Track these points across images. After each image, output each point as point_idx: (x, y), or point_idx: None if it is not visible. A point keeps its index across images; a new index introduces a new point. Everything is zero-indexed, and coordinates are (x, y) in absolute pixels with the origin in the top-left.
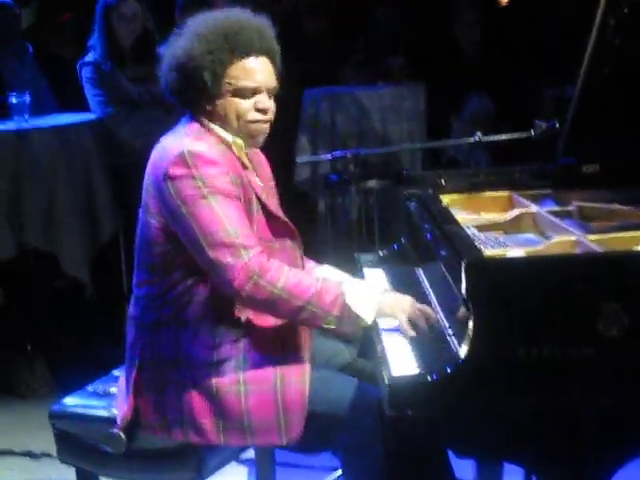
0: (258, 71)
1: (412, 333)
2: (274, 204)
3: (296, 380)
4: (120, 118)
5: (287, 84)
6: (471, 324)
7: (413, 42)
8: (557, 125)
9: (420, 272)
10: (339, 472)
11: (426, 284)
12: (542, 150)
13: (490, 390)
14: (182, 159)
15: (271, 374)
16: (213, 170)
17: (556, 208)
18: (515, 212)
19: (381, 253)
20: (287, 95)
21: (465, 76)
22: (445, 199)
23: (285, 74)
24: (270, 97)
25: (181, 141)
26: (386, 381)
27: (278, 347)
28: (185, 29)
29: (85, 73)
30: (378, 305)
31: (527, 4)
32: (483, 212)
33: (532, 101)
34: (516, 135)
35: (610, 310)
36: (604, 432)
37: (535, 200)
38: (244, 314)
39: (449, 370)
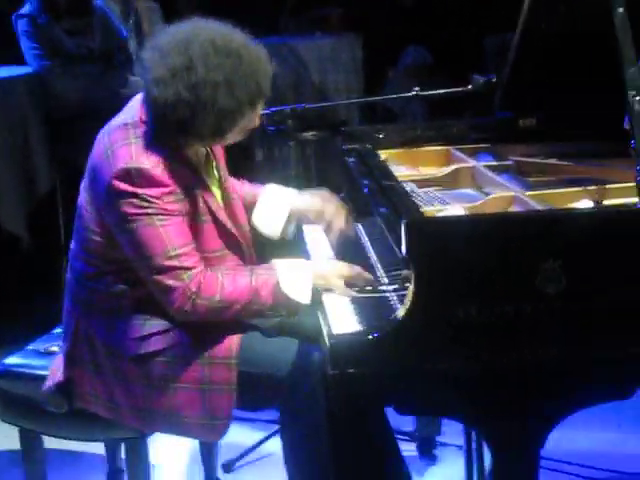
0: (261, 108)
1: (352, 294)
2: (222, 194)
3: (222, 379)
4: (57, 71)
5: None
6: (412, 282)
7: None
8: (494, 79)
9: (359, 227)
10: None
11: (365, 239)
12: (480, 100)
13: (430, 348)
14: (127, 175)
15: (199, 369)
16: (157, 190)
17: (494, 162)
18: (453, 167)
19: None
20: None
21: (402, 27)
22: (383, 154)
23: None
24: None
25: (129, 150)
26: (327, 340)
27: (206, 337)
28: (196, 48)
29: (21, 26)
30: (312, 282)
31: None
32: (421, 167)
33: (471, 51)
34: (454, 90)
35: (548, 268)
36: (544, 387)
37: (473, 154)
38: None
39: (390, 328)
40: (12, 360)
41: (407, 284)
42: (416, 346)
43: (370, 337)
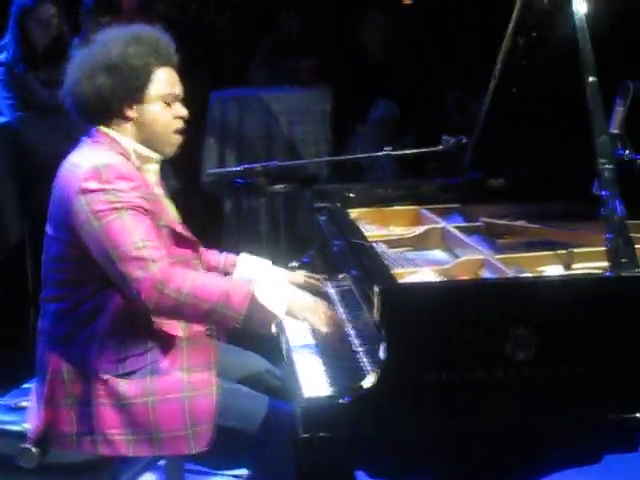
0: (176, 80)
1: (324, 330)
2: (178, 222)
3: (204, 391)
4: (29, 122)
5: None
6: (382, 348)
7: (321, 45)
8: (464, 141)
9: (328, 284)
10: None
11: (335, 298)
12: (448, 159)
13: (402, 413)
14: (95, 173)
15: (179, 384)
16: (125, 184)
17: (464, 224)
18: (423, 228)
19: (290, 265)
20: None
21: (373, 82)
22: (354, 212)
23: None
24: None
25: (91, 155)
26: (298, 403)
27: (184, 358)
28: (101, 38)
29: None
30: (289, 301)
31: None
32: (392, 226)
33: (435, 104)
34: (424, 150)
35: (518, 334)
36: (515, 451)
37: (443, 214)
38: (152, 327)
39: (362, 392)
40: None
41: (378, 346)
42: (388, 410)
43: (341, 401)
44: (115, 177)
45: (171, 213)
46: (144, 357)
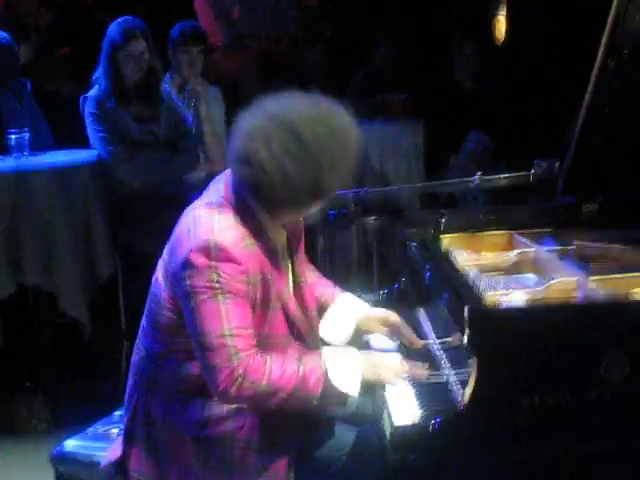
0: None
1: (402, 386)
2: (293, 302)
3: (280, 473)
4: (121, 157)
5: None
6: (474, 371)
7: (413, 79)
8: (557, 165)
9: (421, 313)
10: None
11: (428, 325)
12: (541, 188)
13: (492, 438)
14: (206, 249)
15: (254, 462)
16: (232, 268)
17: (556, 247)
18: (515, 252)
19: (381, 292)
20: None
21: (465, 114)
22: (445, 239)
23: None
24: None
25: (211, 226)
26: (388, 431)
27: (266, 431)
28: (296, 126)
29: (88, 108)
30: (361, 376)
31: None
32: (484, 251)
33: (533, 139)
34: (516, 175)
35: (612, 355)
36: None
37: (535, 239)
38: None
39: (452, 415)
40: (72, 443)
41: (469, 371)
42: (478, 434)
43: (431, 424)
44: (224, 258)
45: (289, 288)
46: (225, 423)
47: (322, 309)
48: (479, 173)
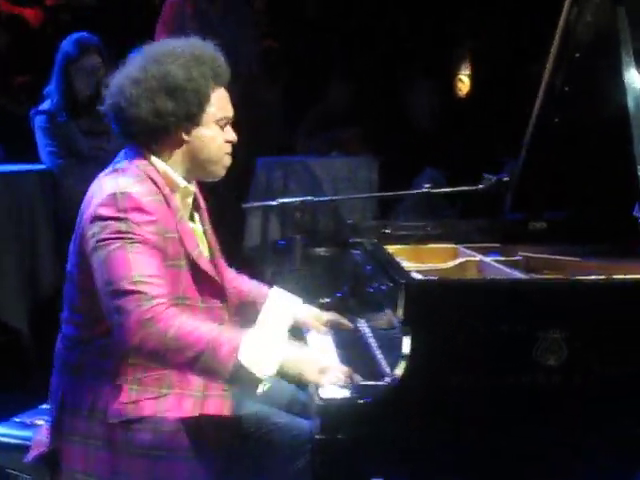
0: (229, 102)
1: (324, 384)
2: (210, 251)
3: (210, 455)
4: (69, 171)
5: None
6: (406, 348)
7: (366, 113)
8: (506, 178)
9: (362, 323)
10: None
11: (368, 335)
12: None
13: (423, 416)
14: (113, 200)
15: (187, 442)
16: (140, 217)
17: (501, 258)
18: (459, 260)
19: (321, 301)
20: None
21: (419, 150)
22: (390, 249)
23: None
24: None
25: (117, 181)
26: (316, 404)
27: (196, 412)
28: (152, 53)
29: (38, 122)
30: (280, 362)
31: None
32: (427, 262)
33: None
34: (465, 188)
35: (549, 338)
36: (543, 464)
37: (481, 252)
38: (166, 373)
39: (382, 393)
40: None
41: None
42: (408, 413)
43: (361, 401)
44: (131, 207)
45: (202, 249)
46: (155, 404)
47: (251, 305)
48: (427, 185)
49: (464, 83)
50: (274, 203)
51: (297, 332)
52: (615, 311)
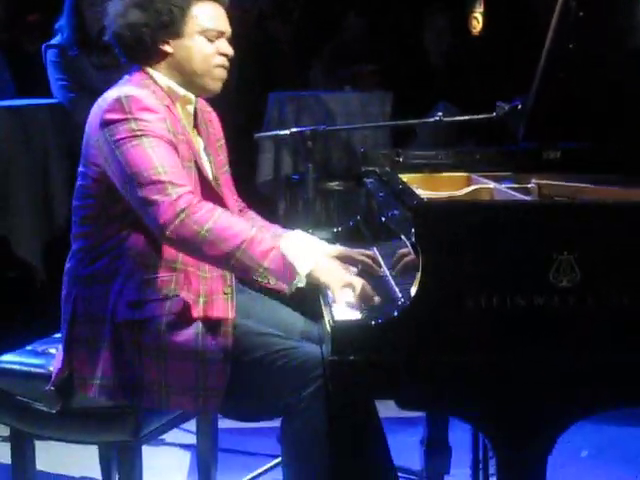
0: (221, 16)
1: (346, 300)
2: (211, 168)
3: (218, 356)
4: (82, 104)
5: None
6: (418, 268)
7: (382, 50)
8: (520, 106)
9: (375, 250)
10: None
11: (381, 262)
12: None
13: (437, 338)
14: (118, 104)
15: (193, 344)
16: (149, 115)
17: (514, 185)
18: (472, 187)
19: (335, 230)
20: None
21: (433, 86)
22: (403, 178)
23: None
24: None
25: (120, 89)
26: (329, 325)
27: (201, 315)
28: None
29: (50, 56)
30: (314, 264)
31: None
32: (441, 190)
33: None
34: (477, 117)
35: (563, 260)
36: (553, 389)
37: (494, 180)
38: (173, 275)
39: (395, 314)
40: (7, 358)
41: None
42: (421, 335)
43: (373, 323)
44: (138, 108)
45: (204, 160)
46: (162, 305)
47: None
48: (439, 114)
49: (478, 21)
50: (286, 132)
51: None
52: (626, 234)
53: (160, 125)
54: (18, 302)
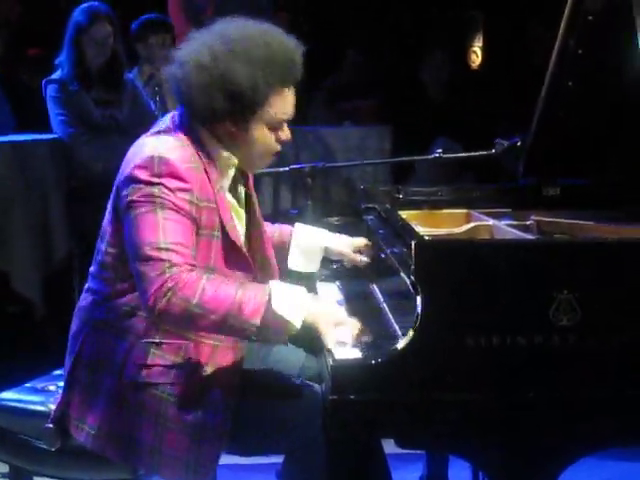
0: (293, 102)
1: (338, 340)
2: (238, 233)
3: (214, 434)
4: (81, 140)
5: None
6: (419, 308)
7: (380, 84)
8: (519, 143)
9: (374, 287)
10: None
11: (380, 299)
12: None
13: (436, 377)
14: (150, 163)
15: (192, 418)
16: (174, 183)
17: (513, 222)
18: (472, 224)
19: (334, 266)
20: None
21: (433, 120)
22: (402, 214)
23: None
24: None
25: (157, 145)
26: (329, 364)
27: (207, 386)
28: (234, 36)
29: (50, 91)
30: (306, 311)
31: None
32: (440, 227)
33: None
34: (477, 154)
35: (563, 299)
36: (554, 427)
37: (493, 217)
38: (184, 342)
39: (395, 353)
40: (7, 395)
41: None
42: (421, 374)
43: (373, 362)
44: (168, 173)
45: (236, 225)
46: (168, 372)
47: (280, 245)
48: (439, 150)
49: (477, 55)
50: (285, 168)
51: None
52: (627, 272)
53: (182, 195)
54: (18, 337)
